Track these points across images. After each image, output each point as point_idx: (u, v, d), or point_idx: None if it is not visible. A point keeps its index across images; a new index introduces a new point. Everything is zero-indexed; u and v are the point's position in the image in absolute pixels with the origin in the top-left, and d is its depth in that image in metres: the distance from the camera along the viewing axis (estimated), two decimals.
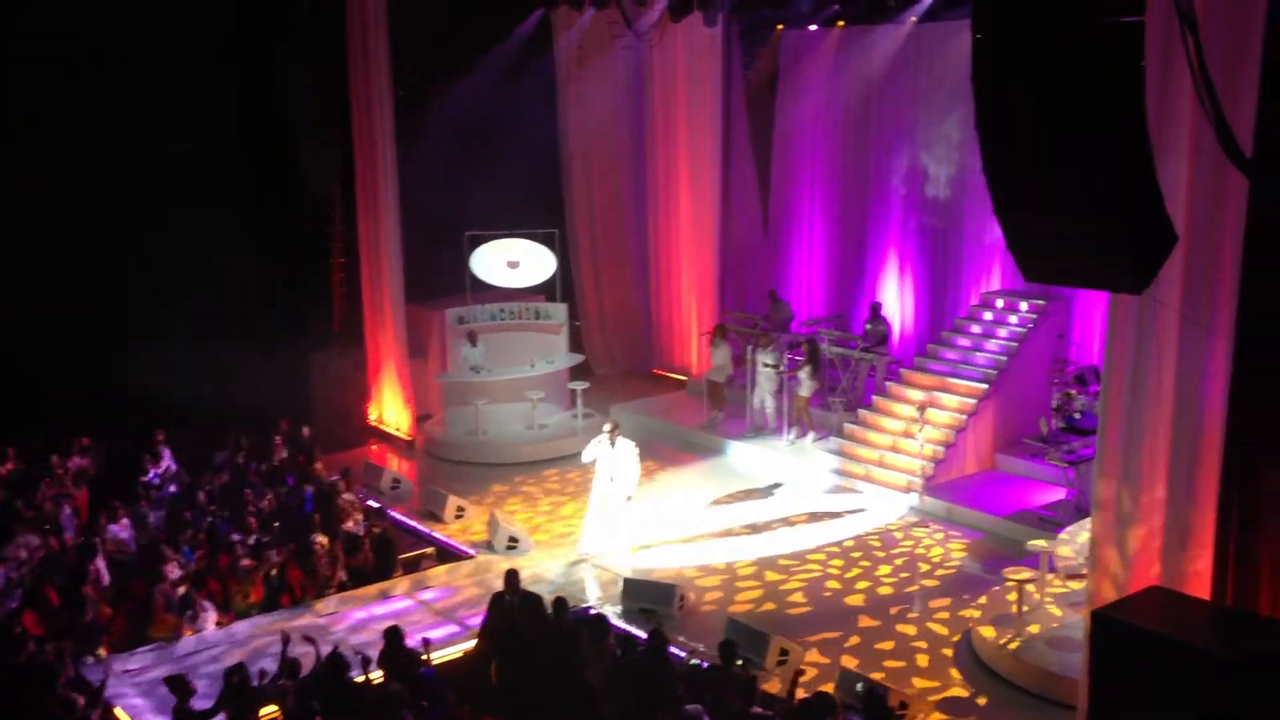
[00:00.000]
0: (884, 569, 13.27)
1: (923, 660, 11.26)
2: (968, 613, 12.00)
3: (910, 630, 11.83)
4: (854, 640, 11.65)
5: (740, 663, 9.85)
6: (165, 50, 16.75)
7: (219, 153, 17.62)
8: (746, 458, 16.97)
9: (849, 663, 10.99)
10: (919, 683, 10.82)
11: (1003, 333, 16.07)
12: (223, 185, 17.72)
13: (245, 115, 17.79)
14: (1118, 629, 8.05)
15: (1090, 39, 6.19)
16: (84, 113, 16.41)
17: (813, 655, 11.27)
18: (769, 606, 12.43)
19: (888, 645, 11.55)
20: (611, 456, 13.44)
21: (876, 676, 10.47)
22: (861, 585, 12.90)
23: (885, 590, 12.76)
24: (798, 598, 12.65)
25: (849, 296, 19.74)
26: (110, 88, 16.51)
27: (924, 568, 13.25)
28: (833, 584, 12.97)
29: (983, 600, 12.01)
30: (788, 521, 14.68)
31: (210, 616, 11.78)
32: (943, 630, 11.80)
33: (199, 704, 9.31)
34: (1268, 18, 7.88)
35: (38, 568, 12.12)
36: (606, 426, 13.65)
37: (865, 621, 12.04)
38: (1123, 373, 8.91)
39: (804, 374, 16.54)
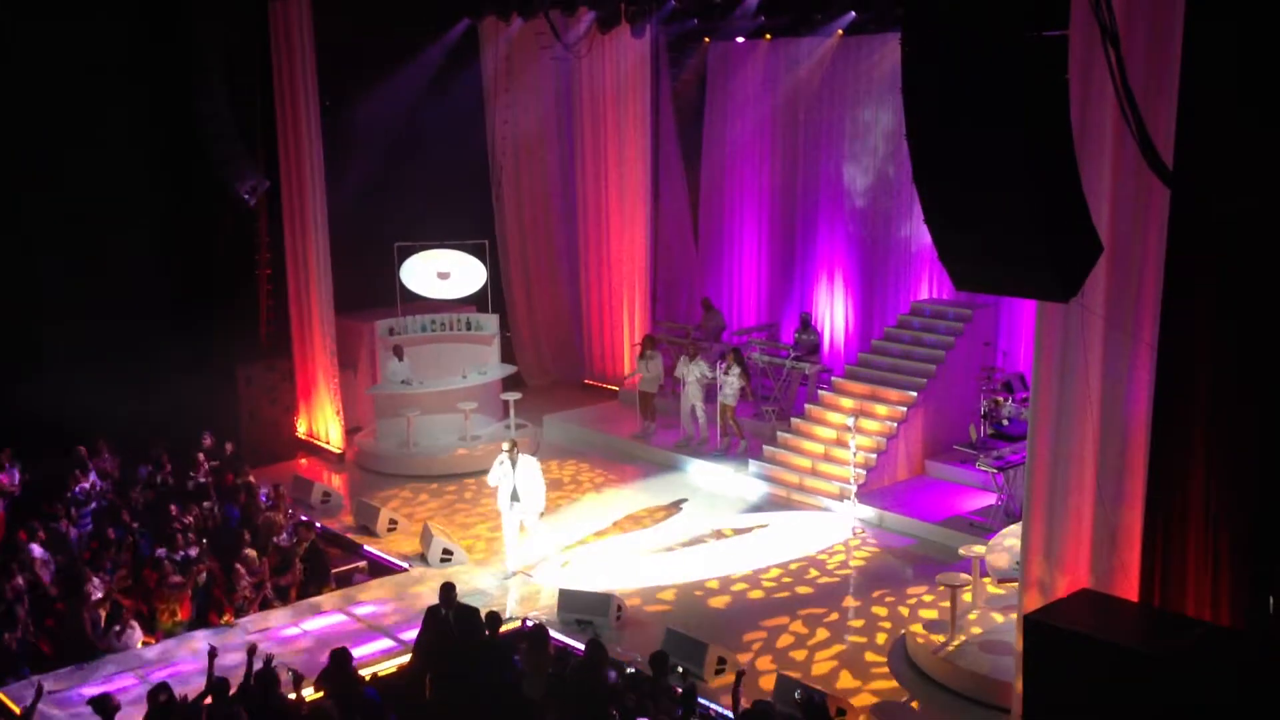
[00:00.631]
0: (813, 572, 13.36)
1: (858, 666, 11.34)
2: (900, 616, 12.12)
3: (846, 636, 11.91)
4: (789, 646, 11.70)
5: (680, 670, 9.84)
6: (80, 56, 16.38)
7: (140, 162, 17.25)
8: (679, 469, 17.00)
9: (787, 670, 11.03)
10: (854, 688, 10.89)
11: (931, 340, 16.29)
12: (144, 196, 17.36)
13: (165, 125, 17.43)
14: (1049, 632, 8.17)
15: (1016, 52, 6.30)
16: (9, 121, 16.01)
17: (750, 663, 11.30)
18: (707, 612, 12.42)
19: (824, 651, 11.62)
20: (514, 476, 13.24)
21: (813, 683, 10.52)
22: (800, 591, 12.96)
23: (817, 595, 12.83)
24: (730, 606, 12.66)
25: (780, 306, 19.90)
26: (27, 99, 16.09)
27: (851, 572, 13.37)
28: (757, 594, 13.00)
29: (916, 605, 12.15)
30: (720, 534, 14.72)
31: (136, 635, 11.51)
32: (878, 637, 11.90)
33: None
34: (1185, 30, 8.09)
35: None
36: (505, 445, 13.37)
37: (800, 628, 12.10)
38: (1051, 378, 9.08)
39: (729, 382, 16.58)
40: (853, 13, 16.82)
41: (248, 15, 17.31)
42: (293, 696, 9.49)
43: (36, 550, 12.54)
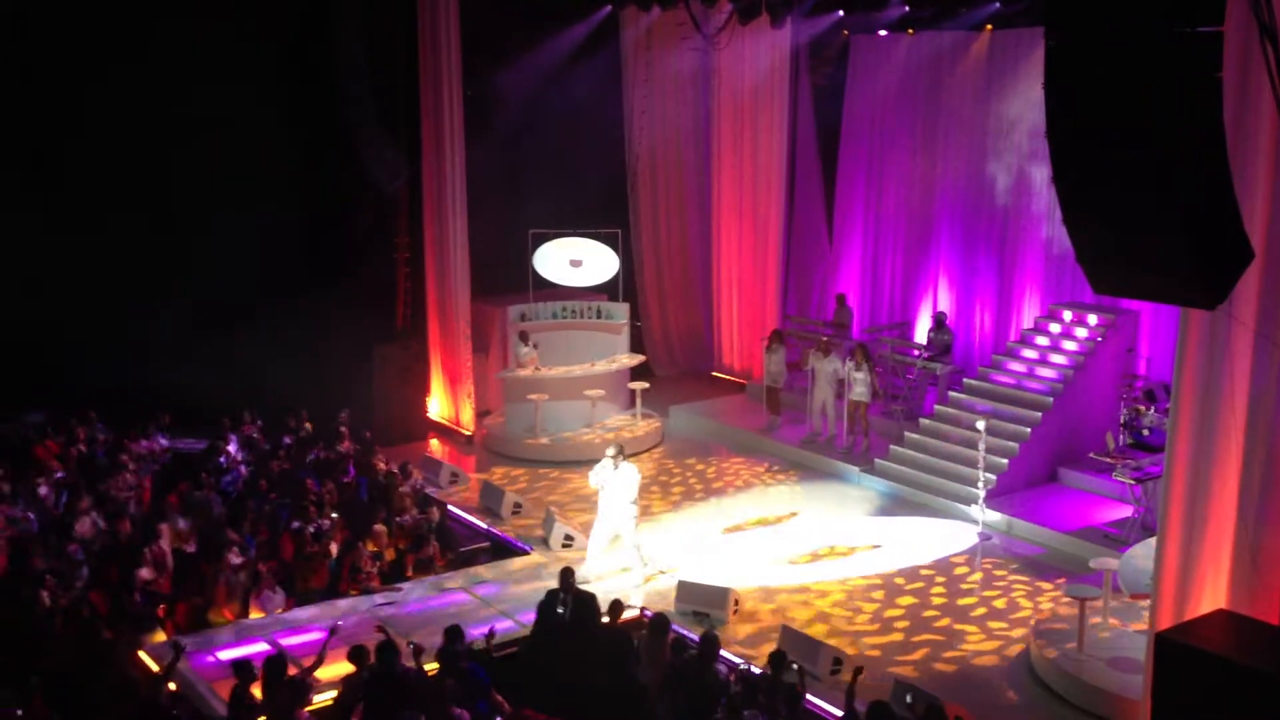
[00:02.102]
0: (937, 578, 13.11)
1: (980, 674, 11.11)
2: (1026, 626, 11.83)
3: (965, 643, 11.67)
4: (907, 650, 11.53)
5: (796, 669, 9.79)
6: (229, 44, 17.01)
7: (285, 146, 17.87)
8: (804, 465, 16.87)
9: (904, 673, 10.87)
10: (972, 696, 10.67)
11: (1069, 346, 15.81)
12: (290, 179, 17.99)
13: (311, 111, 18.00)
14: (1182, 652, 7.87)
15: (1167, 48, 6.06)
16: (142, 111, 16.72)
17: (866, 665, 11.17)
18: (825, 612, 12.32)
19: (943, 658, 11.41)
20: (613, 481, 12.80)
21: (931, 689, 10.34)
22: (922, 596, 12.74)
23: (939, 601, 12.60)
24: (849, 607, 12.52)
25: (913, 304, 19.56)
26: (170, 85, 16.78)
27: (977, 578, 13.09)
28: (878, 595, 12.82)
29: (1043, 616, 11.84)
30: (842, 533, 14.55)
31: (277, 599, 11.95)
32: (1001, 646, 11.63)
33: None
34: None
35: (101, 549, 12.39)
36: (610, 450, 12.90)
37: (920, 633, 11.90)
38: (1193, 389, 8.73)
39: (860, 379, 16.36)
40: (997, 3, 16.38)
41: (396, 6, 17.74)
42: (411, 666, 9.72)
43: (180, 521, 13.11)
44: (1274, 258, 8.17)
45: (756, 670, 9.84)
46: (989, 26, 17.41)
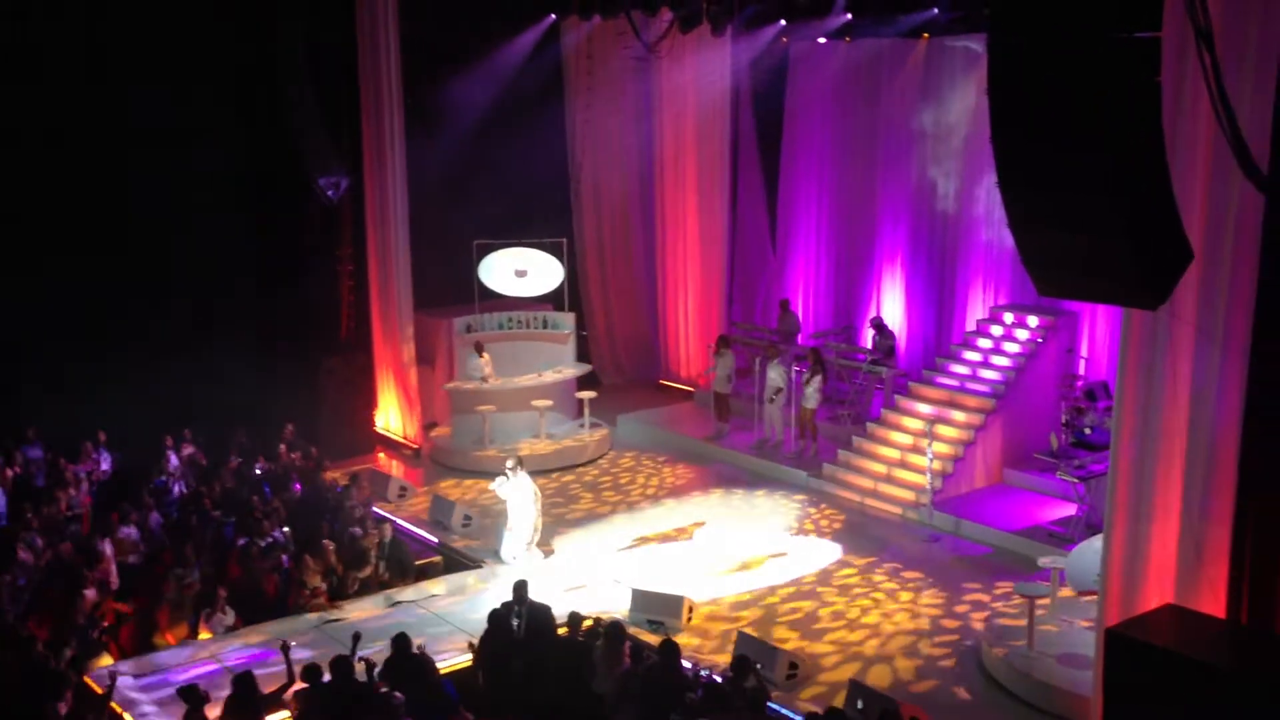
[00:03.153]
0: (886, 580, 13.22)
1: (931, 675, 11.20)
2: (975, 625, 11.95)
3: (919, 644, 11.77)
4: (861, 652, 11.60)
5: (757, 671, 9.81)
6: (169, 50, 16.73)
7: (223, 158, 17.59)
8: (753, 471, 16.93)
9: (858, 677, 10.92)
10: (926, 697, 10.76)
11: (1011, 347, 16.03)
12: (229, 192, 17.71)
13: (252, 118, 17.76)
14: (1131, 646, 8.00)
15: (1106, 54, 6.17)
16: (83, 121, 16.38)
17: (821, 669, 11.23)
18: (778, 617, 12.36)
19: (896, 659, 11.49)
20: (512, 493, 13.36)
21: (886, 690, 10.41)
22: (873, 597, 12.83)
23: (890, 602, 12.70)
24: (802, 610, 12.57)
25: (856, 309, 19.71)
26: (112, 96, 16.48)
27: (925, 579, 13.21)
28: (832, 598, 12.89)
29: (992, 615, 11.98)
30: (791, 537, 14.64)
31: (228, 619, 11.76)
32: (952, 645, 11.74)
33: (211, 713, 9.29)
34: None
35: (43, 571, 12.11)
36: (509, 463, 13.42)
37: (871, 635, 11.98)
38: (1136, 387, 8.88)
39: (811, 385, 16.50)
40: (935, 10, 16.59)
41: (334, 11, 17.56)
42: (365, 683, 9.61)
43: (129, 532, 12.85)
44: (1211, 257, 8.34)
45: (718, 677, 9.84)
46: (925, 35, 17.62)
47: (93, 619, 11.39)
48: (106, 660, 11.00)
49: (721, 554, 13.95)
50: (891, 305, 18.95)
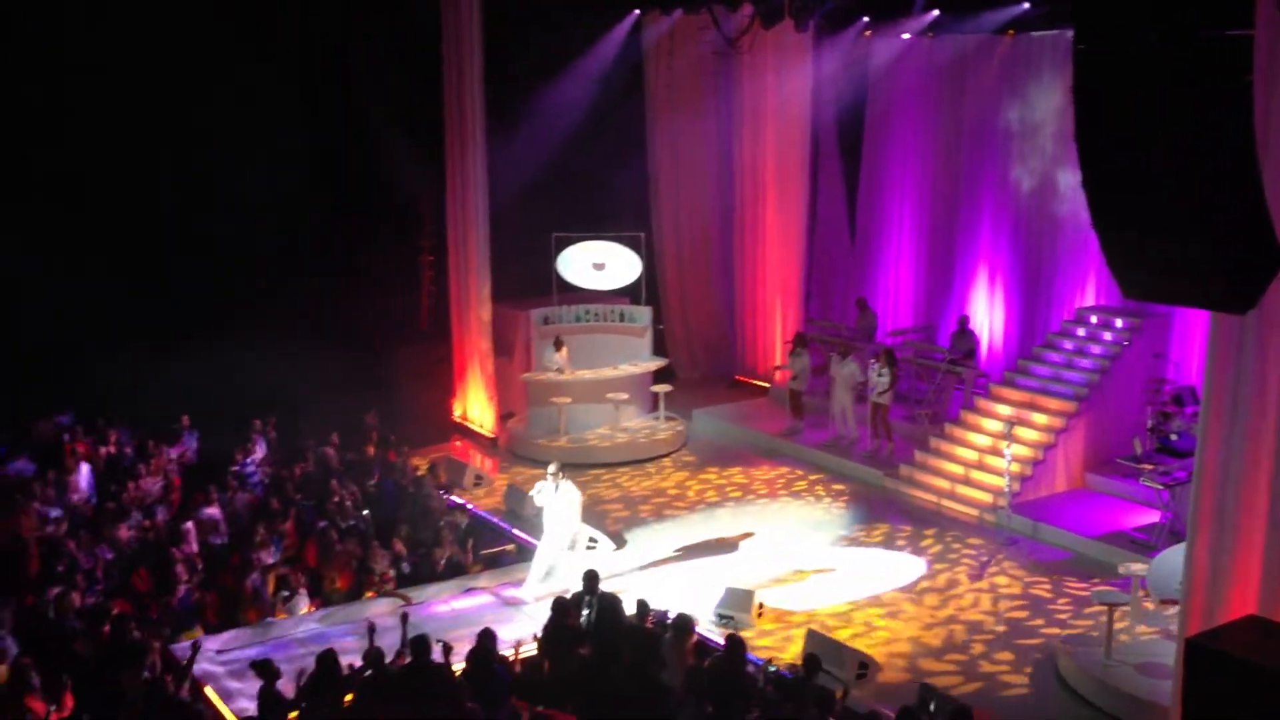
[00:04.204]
0: (962, 582, 13.08)
1: (1007, 680, 11.07)
2: (1053, 632, 11.78)
3: (994, 649, 11.63)
4: (930, 655, 11.50)
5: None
6: (250, 49, 17.09)
7: (306, 153, 17.95)
8: (827, 469, 16.84)
9: (930, 678, 10.83)
10: (999, 701, 10.63)
11: (1097, 349, 15.73)
12: (310, 186, 18.07)
13: (338, 116, 18.10)
14: (1212, 657, 7.82)
15: (1196, 52, 6.04)
16: (168, 118, 16.83)
17: (892, 669, 11.16)
18: (848, 616, 12.30)
19: (970, 663, 11.38)
20: (553, 500, 12.64)
21: (956, 694, 10.32)
22: (947, 600, 12.71)
23: (963, 605, 12.57)
24: (874, 611, 12.50)
25: (938, 308, 19.49)
26: (195, 91, 16.88)
27: (1002, 580, 13.04)
28: (905, 603, 12.79)
29: (1070, 620, 11.80)
30: (864, 538, 14.54)
31: (302, 602, 12.02)
32: (1028, 650, 11.59)
33: (285, 687, 9.51)
34: None
35: (132, 548, 12.50)
36: (550, 469, 12.79)
37: (943, 638, 11.87)
38: (1223, 393, 8.69)
39: (882, 382, 16.33)
40: (1025, 4, 16.34)
41: (419, 7, 17.80)
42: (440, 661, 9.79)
43: (212, 511, 13.19)
44: None
45: (788, 674, 9.84)
46: (1010, 31, 17.36)
47: (177, 596, 11.73)
48: (195, 634, 11.30)
49: (789, 552, 13.93)
50: (974, 305, 18.70)
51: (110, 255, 16.65)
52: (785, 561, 13.70)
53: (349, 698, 9.52)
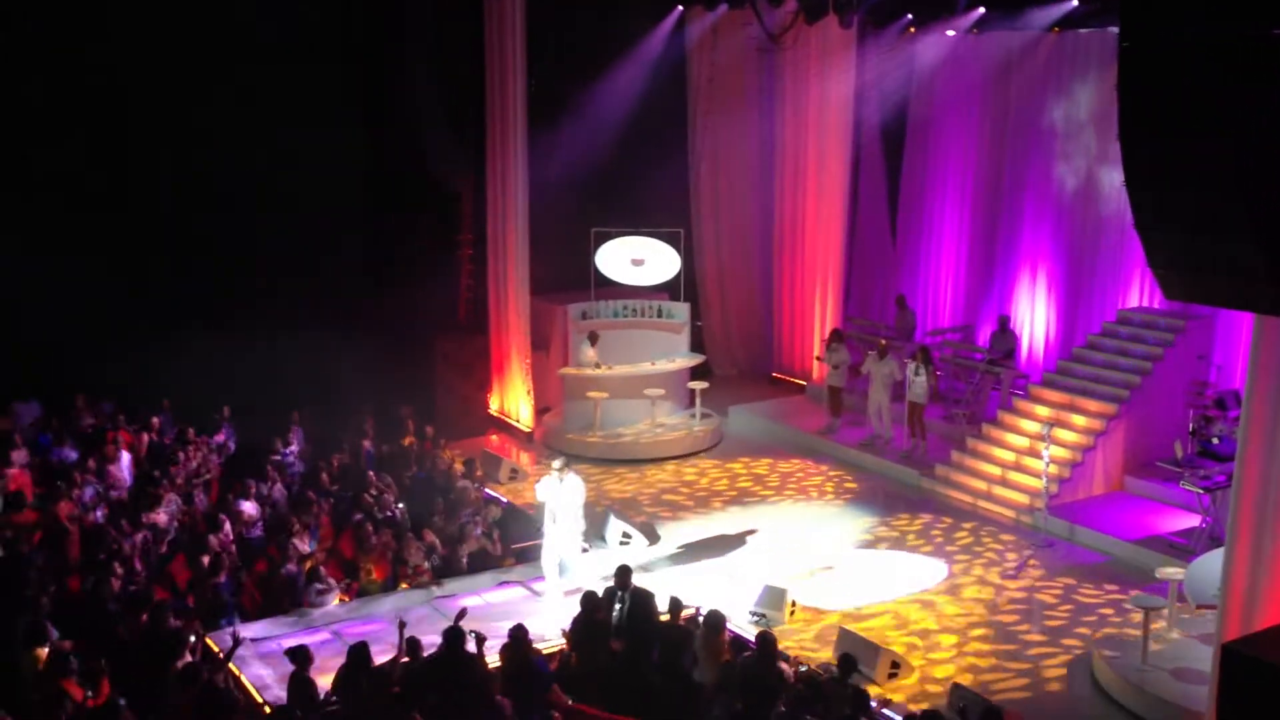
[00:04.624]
0: (996, 583, 12.98)
1: (1040, 682, 10.98)
2: (1088, 635, 11.68)
3: (1029, 650, 11.55)
4: (964, 657, 11.44)
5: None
6: (289, 42, 17.22)
7: (347, 143, 18.08)
8: (863, 467, 16.78)
9: (962, 679, 10.77)
10: (1032, 704, 10.55)
11: (1138, 351, 15.55)
12: (352, 176, 18.21)
13: (374, 106, 18.21)
14: (1248, 664, 7.72)
15: (1243, 51, 5.95)
16: (212, 106, 17.02)
17: (924, 670, 11.11)
18: (882, 615, 12.25)
19: (1004, 664, 11.30)
20: (558, 495, 12.35)
21: (989, 696, 10.25)
22: (983, 601, 12.63)
23: (999, 607, 12.48)
24: (907, 611, 12.43)
25: (978, 308, 19.35)
26: (236, 86, 17.05)
27: (1038, 583, 12.94)
28: (940, 600, 12.71)
29: (1106, 625, 11.69)
30: (898, 538, 14.47)
31: (333, 594, 12.11)
32: (1063, 653, 11.49)
33: (316, 676, 9.60)
34: None
35: (172, 538, 12.64)
36: (556, 463, 12.59)
37: (977, 641, 11.80)
38: (1266, 396, 8.56)
39: (919, 381, 16.23)
40: (1073, 1, 16.18)
41: (462, 1, 17.88)
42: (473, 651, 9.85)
43: (248, 506, 13.33)
44: None
45: (822, 673, 9.82)
46: (1055, 29, 17.19)
47: (216, 584, 11.86)
48: (233, 624, 11.40)
49: (822, 550, 13.90)
50: (1015, 305, 18.54)
51: (151, 247, 16.87)
52: (819, 559, 13.67)
53: (391, 689, 9.59)
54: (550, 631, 11.13)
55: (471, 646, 9.81)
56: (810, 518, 15.05)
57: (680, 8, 19.84)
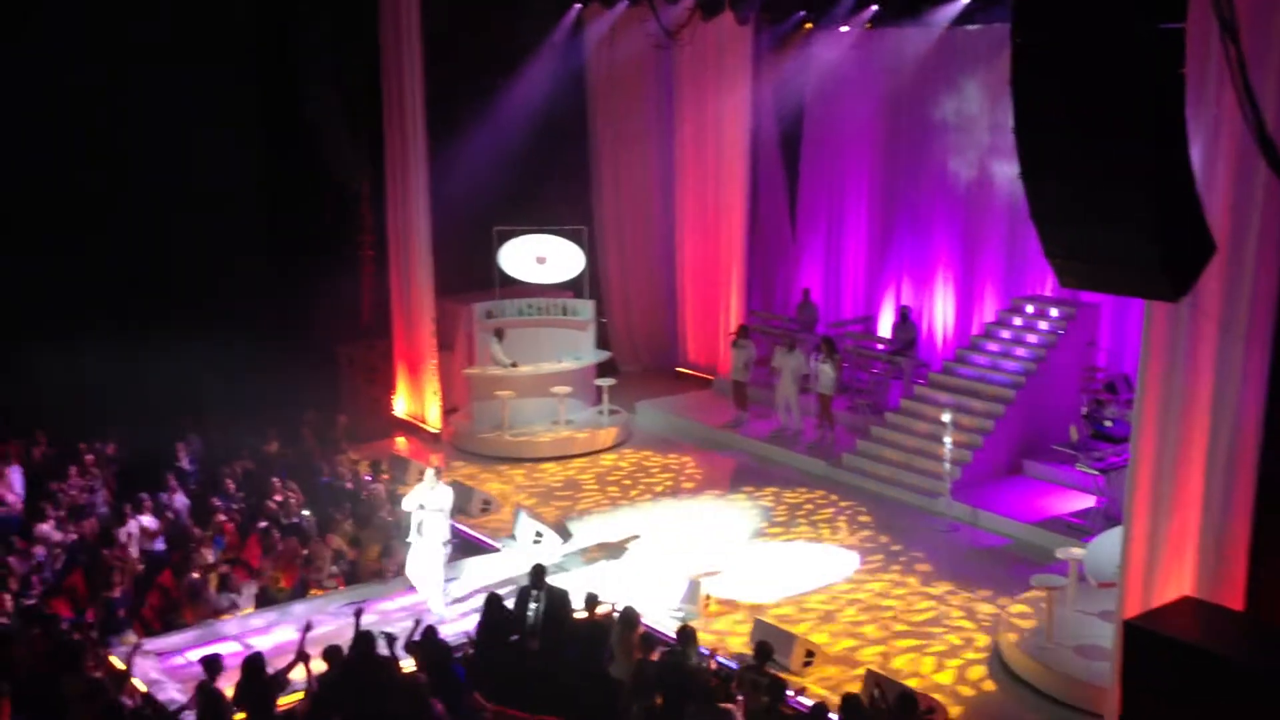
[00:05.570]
0: (902, 569, 13.24)
1: (949, 664, 11.22)
2: (992, 617, 11.96)
3: (936, 636, 11.79)
4: (878, 643, 11.63)
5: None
6: (186, 44, 16.82)
7: (244, 146, 17.71)
8: (771, 460, 16.96)
9: (875, 665, 10.95)
10: (943, 687, 10.78)
11: (1032, 339, 15.98)
12: (249, 179, 17.83)
13: (271, 109, 17.86)
14: (1149, 639, 8.00)
15: (1130, 45, 6.14)
16: (103, 109, 16.54)
17: (838, 657, 11.27)
18: (795, 605, 12.39)
19: (914, 650, 11.52)
20: (432, 501, 12.01)
21: (903, 680, 10.44)
22: (891, 588, 12.85)
23: (907, 593, 12.72)
24: (820, 600, 12.60)
25: (878, 299, 19.68)
26: (130, 83, 16.58)
27: (942, 570, 13.22)
28: (847, 589, 12.91)
29: (1010, 605, 11.99)
30: (809, 527, 14.67)
31: (244, 600, 11.86)
32: (969, 635, 11.76)
33: (224, 685, 9.40)
34: None
35: (68, 552, 12.26)
36: (430, 470, 12.32)
37: (889, 626, 12.01)
38: (1157, 380, 8.85)
39: (826, 372, 16.48)
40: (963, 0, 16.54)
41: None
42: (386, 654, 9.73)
43: (146, 519, 12.97)
44: (1235, 251, 8.30)
45: (734, 664, 9.89)
46: (946, 24, 17.53)
47: (110, 599, 11.52)
48: (130, 639, 11.10)
49: (734, 543, 14.00)
50: (914, 296, 18.90)
51: (41, 251, 16.29)
52: (731, 552, 13.78)
53: (298, 698, 9.43)
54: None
55: (383, 648, 9.70)
56: (722, 511, 15.16)
57: (579, 5, 19.81)
